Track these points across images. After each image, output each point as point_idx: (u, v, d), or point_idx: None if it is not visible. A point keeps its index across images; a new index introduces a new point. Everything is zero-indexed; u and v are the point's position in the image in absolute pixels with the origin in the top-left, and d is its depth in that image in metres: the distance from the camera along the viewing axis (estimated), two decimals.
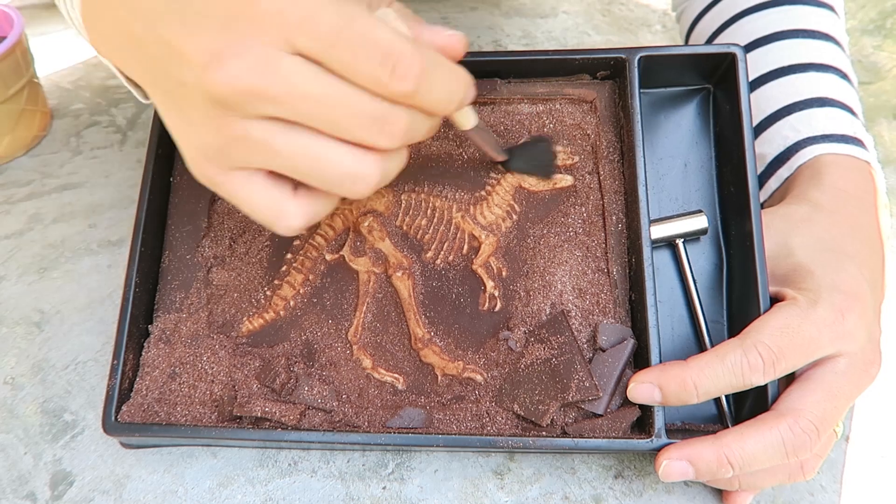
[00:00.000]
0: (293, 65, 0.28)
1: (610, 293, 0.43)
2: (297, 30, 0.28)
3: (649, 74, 0.44)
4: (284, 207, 0.32)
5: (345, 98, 0.29)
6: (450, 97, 0.32)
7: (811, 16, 0.51)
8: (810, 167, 0.45)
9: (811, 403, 0.37)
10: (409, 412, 0.41)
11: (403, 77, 0.29)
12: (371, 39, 0.28)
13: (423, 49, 0.29)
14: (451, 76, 0.31)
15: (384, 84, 0.29)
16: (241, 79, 0.28)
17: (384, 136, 0.30)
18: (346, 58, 0.28)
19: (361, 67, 0.29)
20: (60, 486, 0.44)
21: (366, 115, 0.30)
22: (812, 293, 0.38)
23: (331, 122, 0.30)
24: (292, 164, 0.31)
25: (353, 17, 0.28)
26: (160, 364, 0.43)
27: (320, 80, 0.29)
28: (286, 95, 0.29)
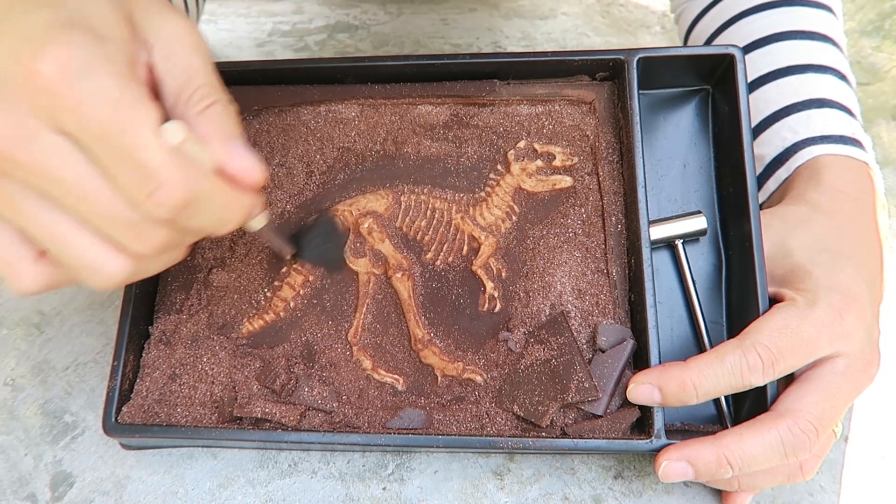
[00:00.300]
0: (53, 143, 0.26)
1: (609, 294, 0.43)
2: (67, 113, 0.26)
3: (648, 75, 0.44)
4: (21, 270, 0.30)
5: (100, 196, 0.27)
6: (217, 225, 0.30)
7: (810, 17, 0.51)
8: (809, 168, 0.45)
9: (810, 404, 0.37)
10: (409, 413, 0.41)
11: (160, 204, 0.27)
12: (137, 153, 0.26)
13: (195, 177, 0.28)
14: (224, 205, 0.30)
15: (139, 204, 0.27)
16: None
17: (137, 243, 0.29)
18: (109, 160, 0.27)
19: (122, 178, 0.27)
20: (61, 488, 0.44)
21: (119, 219, 0.28)
22: (811, 294, 0.39)
23: (82, 214, 0.28)
24: (38, 233, 0.29)
25: (128, 123, 0.26)
26: (160, 365, 0.43)
27: (78, 170, 0.27)
28: (38, 171, 0.27)
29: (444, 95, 0.46)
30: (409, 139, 0.46)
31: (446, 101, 0.47)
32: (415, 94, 0.47)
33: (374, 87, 0.47)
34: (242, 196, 0.31)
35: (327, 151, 0.47)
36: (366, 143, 0.47)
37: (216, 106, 0.30)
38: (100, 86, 0.26)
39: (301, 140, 0.47)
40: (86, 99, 0.26)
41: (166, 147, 0.27)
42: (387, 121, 0.47)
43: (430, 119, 0.47)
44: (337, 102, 0.47)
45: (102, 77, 0.26)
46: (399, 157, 0.46)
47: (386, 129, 0.47)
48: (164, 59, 0.30)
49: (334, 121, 0.47)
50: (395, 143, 0.46)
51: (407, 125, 0.47)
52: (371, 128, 0.47)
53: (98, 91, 0.26)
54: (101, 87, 0.26)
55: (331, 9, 0.86)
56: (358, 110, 0.47)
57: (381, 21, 0.83)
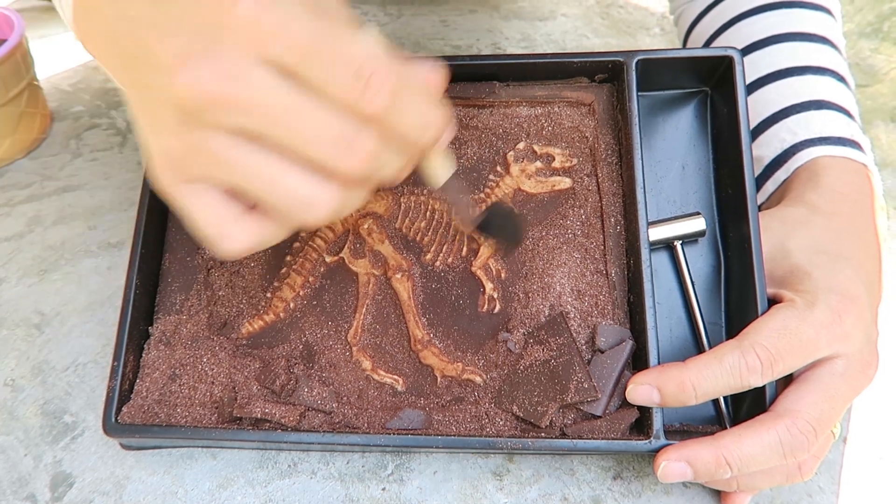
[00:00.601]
0: (263, 75, 0.28)
1: (608, 295, 0.43)
2: (271, 39, 0.27)
3: (647, 77, 0.45)
4: (230, 229, 0.31)
5: (312, 113, 0.28)
6: (423, 125, 0.31)
7: (808, 19, 0.51)
8: (807, 170, 0.45)
9: (809, 405, 0.37)
10: (409, 413, 0.41)
11: (377, 93, 0.28)
12: (346, 52, 0.28)
13: (400, 69, 0.29)
14: (427, 104, 0.31)
15: (356, 99, 0.28)
16: (207, 84, 0.27)
17: (347, 158, 0.29)
18: (319, 69, 0.28)
19: (334, 80, 0.28)
20: (60, 488, 0.44)
21: (332, 133, 0.29)
22: (809, 295, 0.39)
23: (295, 137, 0.29)
24: (248, 181, 0.30)
25: (330, 30, 0.28)
26: (160, 366, 0.43)
27: (289, 93, 0.28)
28: (252, 105, 0.28)
29: (443, 97, 0.46)
30: None
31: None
32: None
33: None
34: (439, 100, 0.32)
35: None
36: None
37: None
38: (293, 9, 0.28)
39: None
40: (285, 20, 0.27)
41: (369, 45, 0.28)
42: None
43: None
44: None
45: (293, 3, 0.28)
46: None
47: None
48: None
49: None
50: None
51: None
52: None
53: (293, 12, 0.27)
54: (294, 9, 0.28)
55: None
56: None
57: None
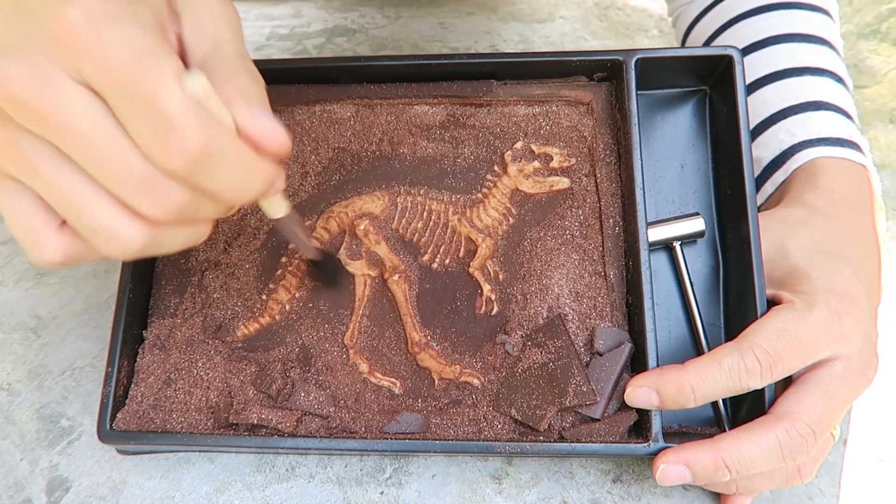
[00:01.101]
0: (74, 91, 0.26)
1: (607, 296, 0.43)
2: (87, 58, 0.25)
3: (646, 76, 0.44)
4: (44, 239, 0.29)
5: (116, 148, 0.26)
6: (238, 188, 0.29)
7: (807, 20, 0.51)
8: (806, 170, 0.45)
9: (808, 407, 0.37)
10: (407, 417, 0.41)
11: (175, 154, 0.26)
12: (156, 99, 0.25)
13: (215, 131, 0.27)
14: (245, 168, 0.28)
15: (154, 154, 0.26)
16: (14, 83, 0.26)
17: (151, 205, 0.27)
18: (129, 107, 0.26)
19: (138, 125, 0.26)
20: (57, 493, 0.44)
21: (134, 175, 0.27)
22: (808, 296, 0.38)
23: (98, 167, 0.27)
24: (50, 196, 0.28)
25: (149, 71, 0.26)
26: (155, 370, 0.43)
27: (97, 119, 0.26)
28: (57, 118, 0.26)
29: (440, 96, 0.46)
30: (406, 140, 0.46)
31: (443, 102, 0.47)
32: (411, 94, 0.46)
33: (370, 87, 0.47)
34: (263, 160, 0.29)
35: (322, 152, 0.47)
36: (361, 143, 0.47)
37: (241, 74, 0.30)
38: (125, 34, 0.26)
39: (296, 140, 0.47)
40: (109, 44, 0.25)
41: (185, 95, 0.26)
42: (382, 121, 0.47)
43: (427, 119, 0.46)
44: (332, 102, 0.47)
45: (129, 27, 0.26)
46: (395, 157, 0.46)
47: (382, 130, 0.47)
48: (193, 29, 0.30)
49: (329, 121, 0.47)
50: (391, 143, 0.46)
51: (403, 125, 0.47)
52: (367, 128, 0.47)
53: (123, 39, 0.26)
54: (126, 35, 0.26)
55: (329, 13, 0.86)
56: (353, 110, 0.47)
57: (380, 25, 0.83)
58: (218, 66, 0.30)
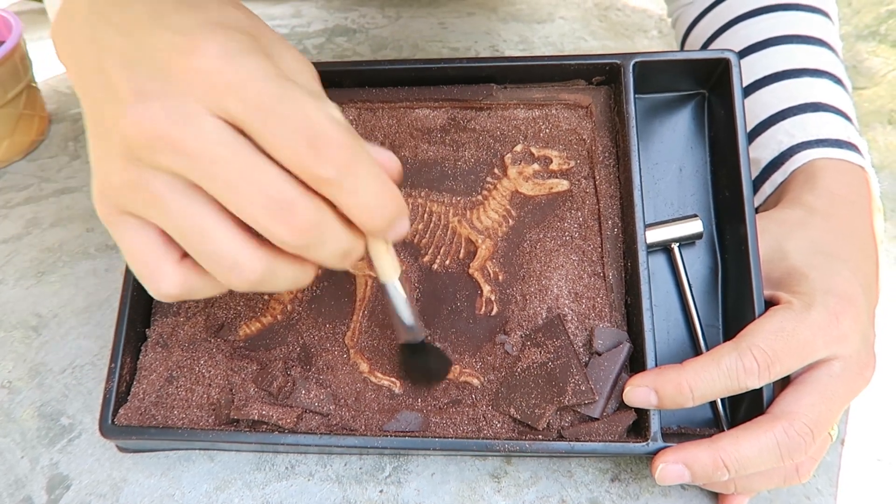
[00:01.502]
0: (213, 125, 0.27)
1: (606, 297, 0.43)
2: (227, 91, 0.27)
3: (644, 80, 0.45)
4: (163, 270, 0.31)
5: (256, 169, 0.28)
6: (373, 207, 0.29)
7: (805, 21, 0.51)
8: (804, 172, 0.45)
9: (806, 406, 0.37)
10: (406, 416, 0.41)
11: (327, 161, 0.27)
12: (303, 116, 0.27)
13: (357, 146, 0.28)
14: (380, 187, 0.29)
15: (306, 164, 0.27)
16: (156, 122, 0.27)
17: (284, 223, 0.28)
18: (272, 129, 0.27)
19: (286, 141, 0.27)
20: (57, 490, 0.44)
21: (273, 192, 0.28)
22: (806, 297, 0.39)
23: (234, 191, 0.28)
24: (178, 227, 0.29)
25: (292, 92, 0.27)
26: (157, 368, 0.43)
27: (236, 147, 0.27)
28: (196, 151, 0.27)
29: (441, 99, 0.46)
30: (407, 143, 0.47)
31: (443, 105, 0.47)
32: (412, 97, 0.47)
33: (372, 90, 0.47)
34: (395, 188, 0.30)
35: None
36: None
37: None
38: (258, 64, 0.27)
39: None
40: (249, 75, 0.27)
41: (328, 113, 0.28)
42: (384, 124, 0.47)
43: (428, 123, 0.47)
44: None
45: (260, 58, 0.28)
46: None
47: (383, 133, 0.47)
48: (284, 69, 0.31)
49: None
50: (392, 146, 0.47)
51: (404, 129, 0.47)
52: (368, 131, 0.47)
53: (260, 68, 0.27)
54: (261, 65, 0.27)
55: (329, 12, 0.86)
56: (355, 114, 0.47)
57: (380, 25, 0.84)
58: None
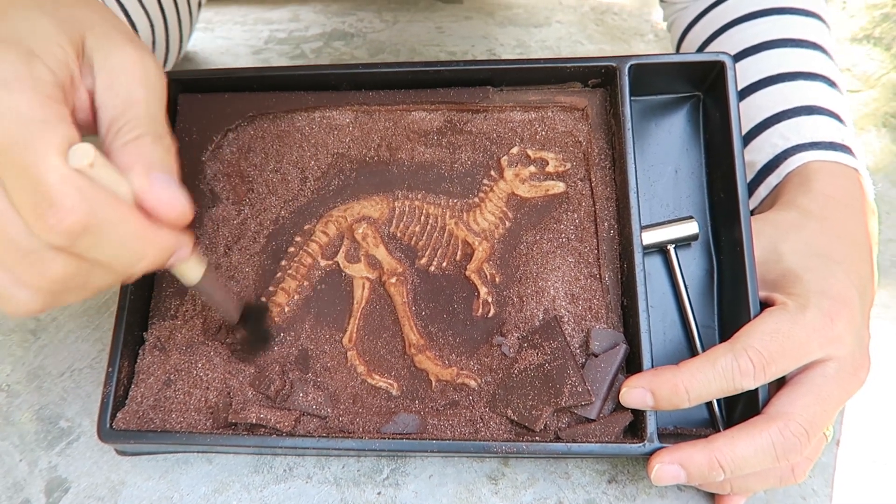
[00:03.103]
0: None
1: (602, 299, 0.43)
2: None
3: (640, 82, 0.45)
4: None
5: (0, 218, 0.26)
6: (127, 259, 0.28)
7: (800, 25, 0.52)
8: (799, 174, 0.45)
9: (801, 407, 0.37)
10: (404, 418, 0.41)
11: (51, 229, 0.26)
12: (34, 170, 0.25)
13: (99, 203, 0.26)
14: (134, 238, 0.28)
15: (34, 226, 0.26)
16: None
17: (35, 276, 0.27)
18: (10, 179, 0.26)
19: (20, 197, 0.26)
20: (55, 493, 0.44)
21: (16, 247, 0.27)
22: (801, 298, 0.39)
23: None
24: None
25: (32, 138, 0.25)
26: (155, 371, 0.44)
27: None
28: None
29: (437, 102, 0.47)
30: (403, 145, 0.47)
31: (440, 108, 0.47)
32: (409, 100, 0.47)
33: (369, 93, 0.47)
34: (158, 231, 0.29)
35: (322, 157, 0.47)
36: (360, 149, 0.47)
37: (145, 138, 0.29)
38: (13, 102, 0.26)
39: (295, 146, 0.47)
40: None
41: (68, 168, 0.26)
42: (381, 127, 0.47)
43: (424, 125, 0.47)
44: (331, 109, 0.48)
45: (16, 92, 0.26)
46: (393, 162, 0.47)
47: (380, 136, 0.47)
48: (106, 89, 0.30)
49: (329, 127, 0.47)
50: (389, 148, 0.47)
51: (401, 131, 0.47)
52: (365, 134, 0.47)
53: (10, 107, 0.25)
54: (14, 103, 0.26)
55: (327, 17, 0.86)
56: (352, 116, 0.48)
57: (377, 29, 0.84)
58: (124, 129, 0.29)
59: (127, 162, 0.28)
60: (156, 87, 0.31)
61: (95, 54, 0.30)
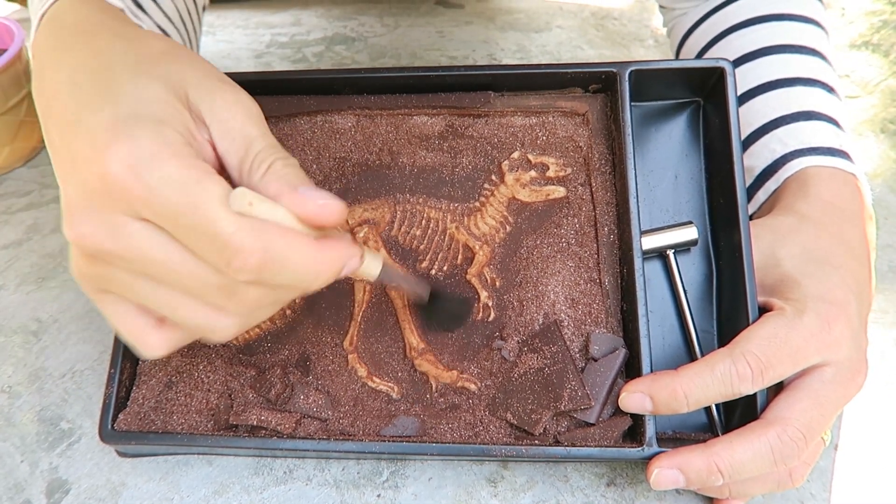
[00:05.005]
0: (139, 231, 0.29)
1: (602, 303, 0.43)
2: (140, 204, 0.28)
3: (640, 88, 0.45)
4: (147, 338, 0.33)
5: (188, 269, 0.29)
6: (306, 279, 0.31)
7: (798, 31, 0.52)
8: (797, 179, 0.46)
9: (799, 412, 0.38)
10: (404, 421, 0.42)
11: (238, 270, 0.28)
12: (208, 229, 0.28)
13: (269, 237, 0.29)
14: (306, 260, 0.30)
15: (223, 271, 0.29)
16: (88, 238, 0.29)
17: (234, 304, 0.30)
18: (188, 237, 0.29)
19: (202, 250, 0.29)
20: (56, 494, 0.45)
21: (212, 285, 0.30)
22: (799, 303, 0.39)
23: (179, 285, 0.30)
24: (153, 306, 0.31)
25: (196, 203, 0.28)
26: (157, 373, 0.44)
27: (165, 248, 0.29)
28: (133, 257, 0.29)
29: (439, 106, 0.47)
30: (405, 149, 0.47)
31: (441, 112, 0.47)
32: (410, 104, 0.47)
33: (370, 97, 0.47)
34: (327, 251, 0.31)
35: (323, 161, 0.47)
36: (362, 153, 0.47)
37: (276, 164, 0.32)
38: (164, 173, 0.28)
39: (297, 150, 0.47)
40: (154, 187, 0.28)
41: (235, 215, 0.28)
42: (382, 131, 0.47)
43: (426, 129, 0.47)
44: (333, 113, 0.48)
45: (165, 164, 0.28)
46: (394, 167, 0.47)
47: (381, 140, 0.47)
48: (222, 137, 0.32)
49: (330, 131, 0.48)
50: (390, 153, 0.47)
51: (402, 135, 0.47)
52: (367, 138, 0.47)
53: (164, 178, 0.28)
54: (165, 174, 0.28)
55: (329, 21, 0.87)
56: (354, 121, 0.48)
57: (379, 33, 0.84)
58: (254, 164, 0.32)
59: (273, 191, 0.31)
60: (260, 118, 0.34)
61: (201, 105, 0.32)
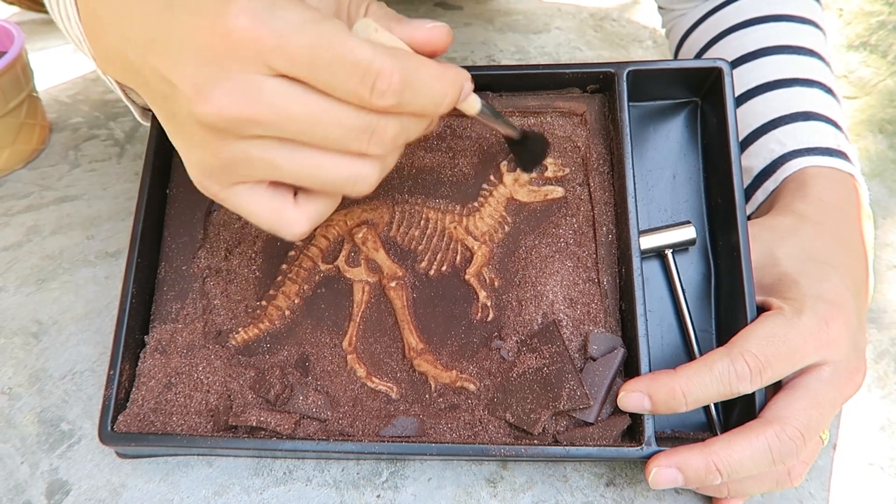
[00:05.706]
0: (275, 88, 0.29)
1: (600, 303, 0.43)
2: (272, 54, 0.28)
3: (638, 88, 0.45)
4: (287, 216, 0.33)
5: (329, 115, 0.30)
6: (437, 100, 0.32)
7: (796, 32, 0.52)
8: (795, 179, 0.46)
9: (797, 411, 0.38)
10: (403, 421, 0.42)
11: (383, 93, 0.29)
12: (347, 58, 0.28)
13: (402, 58, 0.29)
14: (435, 80, 0.31)
15: (366, 101, 0.29)
16: (227, 108, 0.29)
17: (375, 145, 0.31)
18: (325, 77, 0.29)
19: (341, 86, 0.29)
20: (56, 496, 0.45)
21: (353, 128, 0.30)
22: (797, 303, 0.39)
23: (321, 138, 0.30)
24: (293, 176, 0.32)
25: (328, 37, 0.28)
26: (156, 374, 0.44)
27: (303, 100, 0.29)
28: (273, 118, 0.29)
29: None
30: (403, 150, 0.47)
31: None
32: None
33: None
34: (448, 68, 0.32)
35: None
36: None
37: (372, 5, 0.33)
38: (289, 17, 0.28)
39: None
40: (283, 32, 0.28)
41: (367, 42, 0.29)
42: None
43: None
44: None
45: (287, 9, 0.28)
46: (393, 167, 0.47)
47: None
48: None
49: None
50: None
51: None
52: None
53: (290, 21, 0.28)
54: (290, 17, 0.28)
55: None
56: None
57: None
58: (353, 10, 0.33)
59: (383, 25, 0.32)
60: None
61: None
